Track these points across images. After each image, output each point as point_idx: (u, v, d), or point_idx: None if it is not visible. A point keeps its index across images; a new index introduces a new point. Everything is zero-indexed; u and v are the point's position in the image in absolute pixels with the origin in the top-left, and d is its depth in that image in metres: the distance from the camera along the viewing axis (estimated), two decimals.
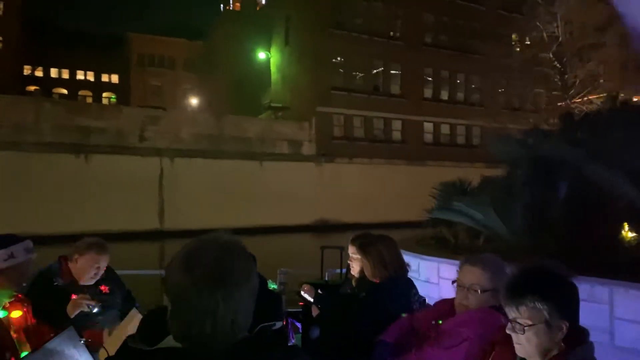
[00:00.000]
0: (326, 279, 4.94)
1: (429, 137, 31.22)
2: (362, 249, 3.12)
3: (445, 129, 31.79)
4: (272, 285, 3.80)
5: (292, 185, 25.41)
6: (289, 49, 30.46)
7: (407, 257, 4.68)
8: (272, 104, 30.74)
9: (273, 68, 32.79)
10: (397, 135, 30.11)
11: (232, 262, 1.19)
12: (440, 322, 2.38)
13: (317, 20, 27.51)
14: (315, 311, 3.40)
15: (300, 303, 3.68)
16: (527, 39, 34.48)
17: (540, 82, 35.15)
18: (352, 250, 3.40)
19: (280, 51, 31.73)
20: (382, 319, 2.73)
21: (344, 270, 4.33)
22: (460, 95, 32.42)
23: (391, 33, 29.30)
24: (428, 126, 31.15)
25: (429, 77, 31.14)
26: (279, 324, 2.26)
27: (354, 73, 28.87)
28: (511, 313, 1.62)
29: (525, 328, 1.56)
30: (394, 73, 29.91)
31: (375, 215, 26.77)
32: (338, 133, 28.16)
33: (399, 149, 29.62)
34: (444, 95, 31.83)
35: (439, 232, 7.74)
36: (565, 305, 1.59)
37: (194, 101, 47.25)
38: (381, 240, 3.13)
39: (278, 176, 25.25)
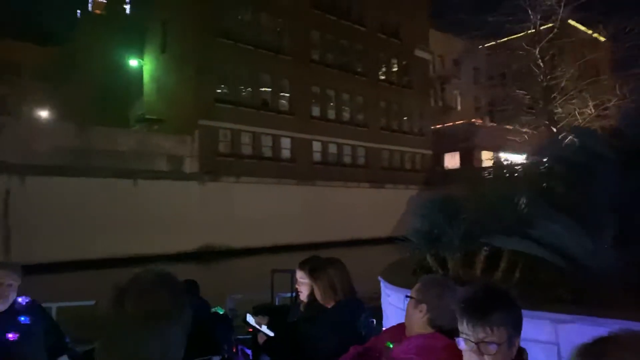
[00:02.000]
0: (277, 303, 4.78)
1: (317, 156, 30.20)
2: (312, 273, 3.09)
3: (332, 148, 31.07)
4: (221, 311, 3.96)
5: (173, 207, 22.39)
6: (167, 57, 27.48)
7: (391, 291, 4.53)
8: (147, 116, 27.31)
9: (147, 77, 29.38)
10: (286, 153, 28.58)
11: (164, 296, 1.17)
12: (391, 345, 2.31)
13: (200, 27, 25.14)
14: (261, 338, 3.35)
15: (250, 329, 3.60)
16: (403, 64, 35.72)
17: (415, 106, 36.61)
18: (300, 275, 3.33)
19: (156, 59, 28.55)
20: (332, 344, 2.70)
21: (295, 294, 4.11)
22: (346, 115, 32.08)
23: (278, 47, 27.93)
24: (317, 145, 30.16)
25: (317, 94, 30.30)
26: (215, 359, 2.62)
27: (241, 86, 26.86)
28: (477, 334, 1.58)
29: (495, 348, 1.55)
30: (283, 88, 28.50)
31: (267, 239, 24.80)
32: (224, 149, 25.77)
33: (289, 167, 28.10)
34: (331, 115, 31.21)
35: (422, 261, 6.19)
36: (519, 322, 1.62)
37: (44, 113, 41.03)
38: (331, 265, 3.10)
39: (156, 196, 22.06)
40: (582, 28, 27.69)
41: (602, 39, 27.52)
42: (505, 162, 44.67)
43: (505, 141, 47.07)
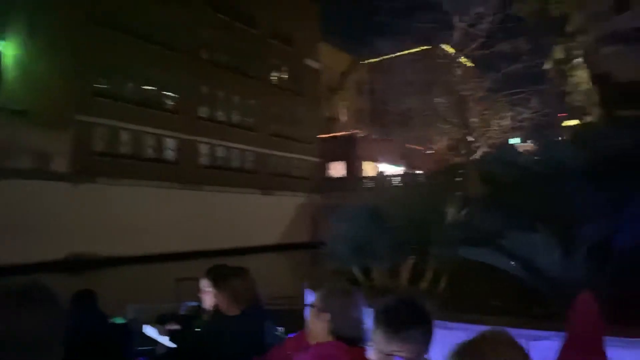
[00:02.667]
0: (182, 312, 4.55)
1: (204, 160, 28.85)
2: (215, 283, 3.06)
3: (221, 152, 29.92)
4: (120, 321, 3.97)
5: (37, 211, 19.79)
6: (35, 42, 24.40)
7: None
8: (8, 107, 23.93)
9: (8, 62, 25.82)
10: (170, 155, 26.88)
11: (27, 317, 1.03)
12: (291, 354, 2.27)
13: (78, 12, 22.70)
14: (160, 350, 3.39)
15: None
16: (294, 71, 35.84)
17: (305, 114, 36.88)
18: (204, 284, 3.28)
19: (22, 43, 25.23)
20: (236, 354, 2.67)
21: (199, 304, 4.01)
22: (235, 118, 31.16)
23: (167, 42, 26.26)
24: (204, 147, 28.81)
25: (206, 95, 29.02)
26: None
27: (123, 80, 24.73)
28: (389, 347, 1.57)
29: None
30: (169, 86, 26.82)
31: (147, 247, 23.00)
32: (101, 148, 23.46)
33: (173, 170, 26.44)
34: (220, 117, 30.09)
35: (343, 270, 5.82)
36: (431, 339, 1.59)
37: None
38: (235, 274, 3.08)
39: (16, 198, 19.32)
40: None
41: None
42: (386, 174, 46.54)
43: (386, 153, 49.47)
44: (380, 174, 46.37)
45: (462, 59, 30.01)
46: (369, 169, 47.96)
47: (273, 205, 32.04)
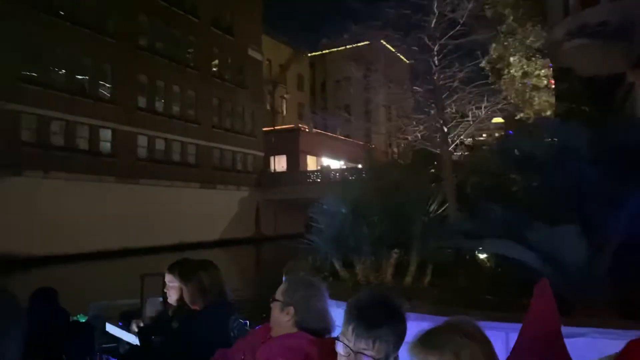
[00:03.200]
0: (147, 308, 4.37)
1: (143, 152, 27.48)
2: (182, 276, 3.05)
3: (160, 144, 28.63)
4: (82, 319, 3.96)
5: None
6: None
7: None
8: None
9: None
10: (106, 147, 25.36)
11: None
12: (256, 346, 2.24)
13: None
14: (123, 348, 3.29)
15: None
16: (236, 62, 34.97)
17: (248, 106, 36.12)
18: (169, 279, 3.24)
19: None
20: (202, 348, 2.65)
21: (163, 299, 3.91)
22: (176, 109, 29.93)
23: (102, 27, 24.70)
24: (142, 139, 27.43)
25: (144, 84, 27.62)
26: None
27: (54, 67, 23.00)
28: (359, 344, 1.53)
29: None
30: (104, 74, 25.27)
31: (81, 244, 21.64)
32: (29, 138, 21.70)
33: (109, 163, 24.97)
34: (160, 107, 28.77)
35: (323, 263, 5.49)
36: (402, 337, 1.57)
37: None
38: (201, 267, 3.07)
39: None
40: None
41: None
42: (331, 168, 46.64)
43: (329, 147, 49.54)
44: (327, 167, 46.39)
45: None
46: (311, 163, 47.91)
47: (215, 199, 31.15)
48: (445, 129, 7.03)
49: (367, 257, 5.13)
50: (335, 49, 65.51)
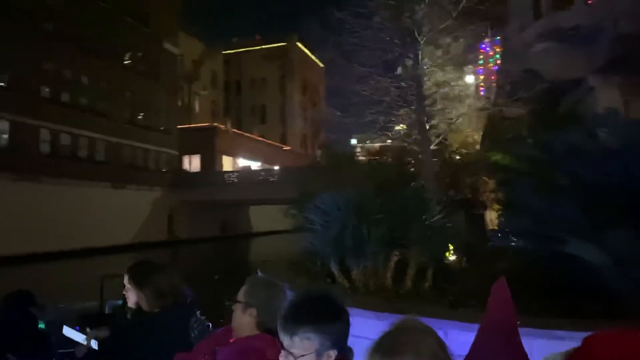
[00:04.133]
0: (107, 311, 4.35)
1: (45, 147, 24.87)
2: (136, 280, 2.94)
3: (66, 139, 26.09)
4: (40, 325, 3.79)
5: None
6: None
7: None
8: None
9: None
10: (2, 140, 22.60)
11: None
12: (217, 349, 2.24)
13: None
14: (79, 352, 3.19)
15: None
16: (151, 54, 33.05)
17: (163, 102, 34.17)
18: (127, 279, 3.05)
19: None
20: (160, 351, 2.59)
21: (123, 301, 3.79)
22: (84, 102, 27.47)
23: (2, 8, 21.97)
24: (45, 133, 24.81)
25: (48, 73, 25.02)
26: None
27: None
28: (285, 341, 1.56)
29: (299, 358, 1.53)
30: (2, 60, 22.48)
31: None
32: None
33: (6, 159, 22.24)
34: (66, 98, 26.23)
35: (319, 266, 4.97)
36: (336, 335, 1.56)
37: None
38: (157, 270, 2.99)
39: None
40: None
41: None
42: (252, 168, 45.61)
43: (246, 147, 48.46)
44: (248, 168, 45.32)
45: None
46: (227, 163, 46.60)
47: (126, 200, 29.05)
48: (427, 126, 6.80)
49: (367, 259, 4.69)
50: (251, 48, 64.52)
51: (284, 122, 62.21)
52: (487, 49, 16.96)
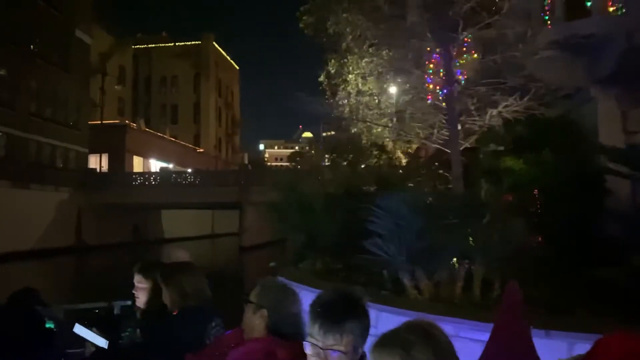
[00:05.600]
0: (115, 312, 4.18)
1: None
2: (164, 278, 2.95)
3: None
4: (48, 324, 3.73)
5: None
6: None
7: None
8: None
9: None
10: None
11: None
12: (227, 350, 2.23)
13: None
14: (89, 350, 3.19)
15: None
16: (62, 41, 30.12)
17: (73, 94, 31.14)
18: (138, 280, 3.16)
19: None
20: (174, 352, 2.57)
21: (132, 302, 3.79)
22: None
23: None
24: None
25: None
26: None
27: None
28: (327, 340, 1.56)
29: (342, 355, 1.55)
30: None
31: None
32: None
33: None
34: None
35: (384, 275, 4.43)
36: (368, 329, 1.62)
37: None
38: (184, 270, 2.99)
39: None
40: None
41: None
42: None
43: (158, 148, 45.75)
44: (165, 169, 42.82)
45: None
46: (138, 164, 43.79)
47: (29, 201, 26.00)
48: (459, 127, 6.55)
49: (441, 268, 4.24)
50: (163, 44, 61.36)
51: (198, 123, 59.85)
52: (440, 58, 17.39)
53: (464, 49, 9.20)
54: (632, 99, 7.64)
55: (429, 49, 16.66)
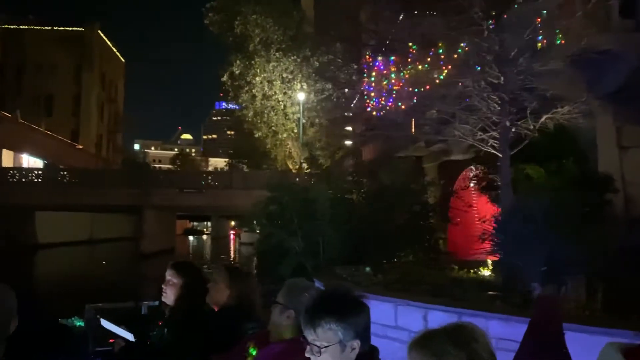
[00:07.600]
0: (143, 312, 4.32)
1: None
2: (231, 274, 3.06)
3: None
4: (79, 323, 3.93)
5: None
6: None
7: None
8: None
9: None
10: None
11: None
12: (254, 352, 2.30)
13: None
14: (118, 345, 3.21)
15: (111, 340, 3.49)
16: None
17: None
18: (170, 274, 3.14)
19: None
20: (205, 350, 2.68)
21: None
22: None
23: None
24: None
25: None
26: None
27: None
28: (309, 335, 1.65)
29: (322, 350, 1.60)
30: None
31: None
32: None
33: None
34: None
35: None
36: (358, 325, 1.66)
37: None
38: (245, 276, 3.17)
39: None
40: None
41: None
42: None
43: (34, 142, 40.46)
44: (52, 165, 37.95)
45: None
46: (7, 158, 38.47)
47: None
48: (508, 123, 6.28)
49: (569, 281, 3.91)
50: (39, 27, 54.77)
51: (77, 117, 54.26)
52: (382, 67, 17.36)
53: (409, 59, 8.82)
54: (629, 115, 8.02)
55: (368, 57, 16.48)
